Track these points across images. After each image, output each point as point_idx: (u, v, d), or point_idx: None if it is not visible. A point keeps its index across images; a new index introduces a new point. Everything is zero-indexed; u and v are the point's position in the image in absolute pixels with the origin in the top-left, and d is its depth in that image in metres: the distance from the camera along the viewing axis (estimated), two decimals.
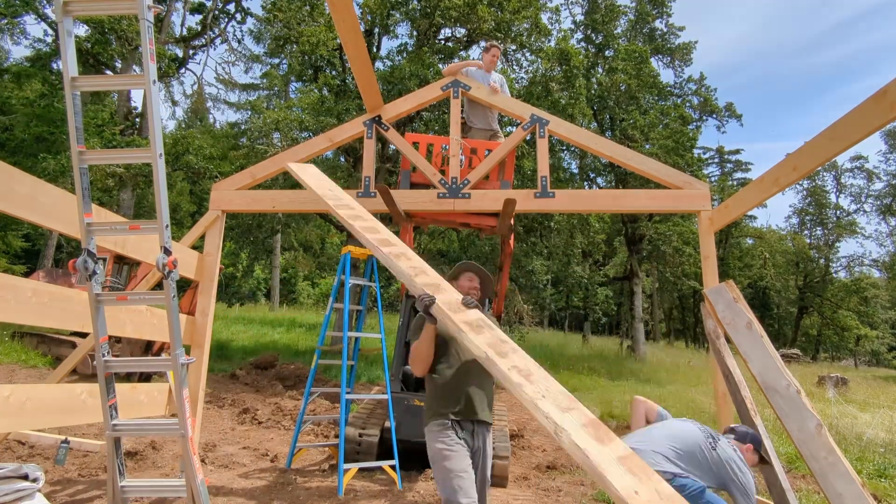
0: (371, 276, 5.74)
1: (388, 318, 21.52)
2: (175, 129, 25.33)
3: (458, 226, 5.92)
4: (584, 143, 5.04)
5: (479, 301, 3.11)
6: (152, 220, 2.66)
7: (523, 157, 13.28)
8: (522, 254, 15.03)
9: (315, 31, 14.24)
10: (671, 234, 20.83)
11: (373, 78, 4.81)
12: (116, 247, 3.53)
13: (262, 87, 24.81)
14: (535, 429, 8.28)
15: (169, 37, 21.14)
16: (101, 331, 2.67)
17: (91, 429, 5.77)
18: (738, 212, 4.33)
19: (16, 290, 2.75)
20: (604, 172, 22.34)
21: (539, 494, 5.00)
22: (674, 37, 23.93)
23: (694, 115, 24.64)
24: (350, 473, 4.78)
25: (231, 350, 14.27)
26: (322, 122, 12.81)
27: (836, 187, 37.42)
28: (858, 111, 2.96)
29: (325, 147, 5.36)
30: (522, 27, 15.24)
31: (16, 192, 2.73)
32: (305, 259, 33.75)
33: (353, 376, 6.19)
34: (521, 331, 18.34)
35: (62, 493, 4.04)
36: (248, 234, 15.01)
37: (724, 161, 40.55)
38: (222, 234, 5.07)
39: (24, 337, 10.28)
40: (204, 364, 4.66)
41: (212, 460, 5.31)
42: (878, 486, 5.74)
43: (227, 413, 7.77)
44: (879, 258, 35.52)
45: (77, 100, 2.57)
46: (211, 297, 4.83)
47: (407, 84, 12.45)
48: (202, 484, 2.70)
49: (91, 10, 2.69)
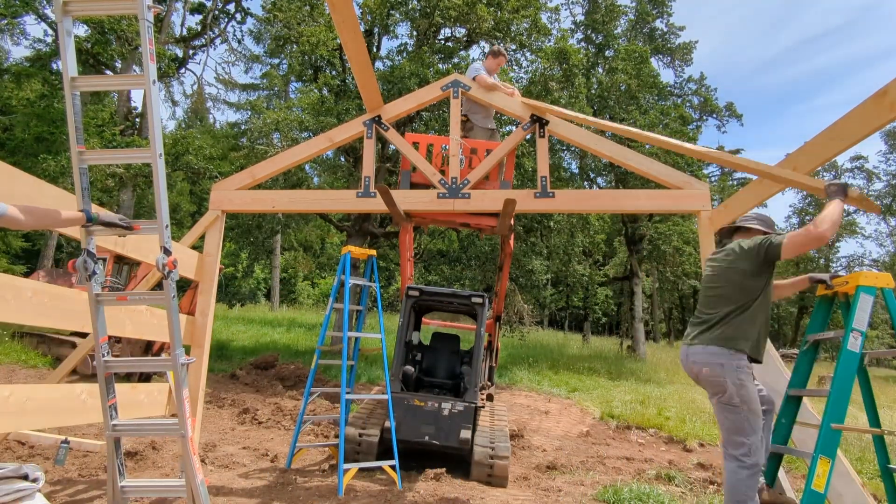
0: (371, 277, 5.74)
1: (388, 318, 21.52)
2: (175, 129, 25.34)
3: (458, 226, 5.93)
4: (584, 143, 5.04)
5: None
6: (152, 220, 2.66)
7: (523, 156, 13.28)
8: (522, 253, 15.03)
9: (315, 31, 14.24)
10: (671, 233, 20.83)
11: (373, 78, 4.81)
12: (116, 247, 3.53)
13: (262, 87, 24.83)
14: (535, 429, 8.29)
15: (169, 37, 21.14)
16: (101, 331, 2.67)
17: (91, 429, 5.77)
18: (738, 212, 4.32)
19: (16, 290, 2.75)
20: (604, 172, 22.34)
21: (539, 494, 5.00)
22: (674, 37, 23.94)
23: (694, 115, 24.65)
24: (350, 473, 4.77)
25: (231, 350, 14.27)
26: (322, 122, 12.81)
27: None
28: (858, 111, 2.96)
29: (325, 147, 5.35)
30: (522, 27, 15.23)
31: (16, 192, 2.73)
32: (305, 259, 33.76)
33: (353, 376, 6.19)
34: (521, 331, 18.34)
35: (62, 493, 4.04)
36: (248, 234, 15.00)
37: None
38: (222, 234, 5.06)
39: (24, 337, 10.28)
40: (204, 364, 4.66)
41: (212, 460, 5.31)
42: (878, 487, 5.74)
43: (227, 413, 7.77)
44: (879, 258, 35.55)
45: (77, 100, 2.57)
46: (211, 297, 4.83)
47: (407, 84, 12.44)
48: (202, 484, 2.70)
49: (91, 10, 2.69)
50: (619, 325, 38.47)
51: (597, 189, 22.55)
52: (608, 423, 9.08)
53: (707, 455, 7.36)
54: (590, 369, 15.31)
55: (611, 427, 8.92)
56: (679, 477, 5.91)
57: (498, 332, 8.03)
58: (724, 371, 2.88)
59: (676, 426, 8.75)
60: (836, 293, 3.14)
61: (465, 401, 5.55)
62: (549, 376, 13.40)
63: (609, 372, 15.24)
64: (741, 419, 2.84)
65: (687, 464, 6.79)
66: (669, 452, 7.57)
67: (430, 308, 7.27)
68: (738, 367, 2.87)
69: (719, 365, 2.91)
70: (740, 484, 2.80)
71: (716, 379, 2.93)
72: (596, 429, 8.72)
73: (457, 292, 6.33)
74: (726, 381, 2.87)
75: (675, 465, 6.62)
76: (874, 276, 2.83)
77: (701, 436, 8.24)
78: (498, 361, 9.45)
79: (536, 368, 14.58)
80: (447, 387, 6.55)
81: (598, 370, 15.24)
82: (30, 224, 2.21)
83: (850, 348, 2.75)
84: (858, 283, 2.82)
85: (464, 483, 5.14)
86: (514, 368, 14.09)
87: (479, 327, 6.03)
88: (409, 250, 7.10)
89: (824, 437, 2.65)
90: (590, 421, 9.25)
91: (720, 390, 2.93)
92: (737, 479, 2.81)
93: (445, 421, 5.43)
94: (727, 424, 2.92)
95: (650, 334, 32.82)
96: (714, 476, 6.10)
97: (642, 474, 6.07)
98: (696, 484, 5.77)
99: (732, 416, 2.88)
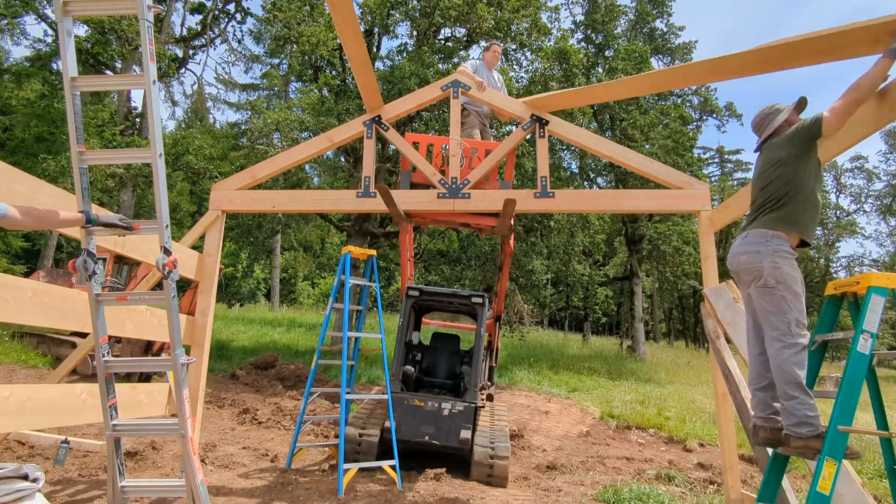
0: (371, 277, 5.74)
1: (388, 318, 21.52)
2: (175, 129, 25.32)
3: (458, 226, 5.93)
4: (584, 143, 5.04)
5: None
6: (152, 220, 2.66)
7: (523, 156, 13.28)
8: (522, 253, 15.03)
9: (315, 31, 14.24)
10: (671, 233, 20.83)
11: (373, 78, 4.81)
12: (116, 247, 3.53)
13: (262, 87, 24.81)
14: (535, 429, 8.29)
15: (169, 37, 21.14)
16: (101, 331, 2.67)
17: (91, 429, 5.77)
18: (738, 212, 4.33)
19: (16, 290, 2.75)
20: (604, 172, 22.34)
21: (539, 494, 5.00)
22: (674, 36, 23.92)
23: (694, 114, 24.63)
24: (350, 473, 4.77)
25: (231, 350, 14.27)
26: (322, 122, 12.80)
27: (836, 187, 37.45)
28: (859, 111, 2.96)
29: (325, 147, 5.36)
30: (522, 26, 15.24)
31: (16, 192, 2.73)
32: (305, 259, 33.75)
33: (353, 376, 6.19)
34: (521, 330, 18.34)
35: (62, 493, 4.04)
36: (248, 234, 15.01)
37: (725, 161, 40.60)
38: (222, 234, 5.06)
39: (24, 337, 10.28)
40: (204, 364, 4.66)
41: (212, 460, 5.31)
42: (878, 487, 5.75)
43: (227, 413, 7.77)
44: (879, 258, 35.57)
45: (77, 100, 2.57)
46: (211, 297, 4.83)
47: (407, 84, 12.45)
48: (202, 484, 2.70)
49: (91, 10, 2.69)
50: (619, 325, 38.48)
51: (597, 189, 22.56)
52: (608, 423, 9.08)
53: (707, 455, 7.36)
54: (590, 369, 15.31)
55: (611, 427, 8.92)
56: (679, 477, 5.91)
57: (498, 332, 8.03)
58: (761, 256, 2.80)
59: (676, 426, 8.75)
60: (846, 293, 3.12)
61: (465, 401, 5.55)
62: (549, 376, 13.40)
63: (609, 372, 15.24)
64: (777, 300, 2.75)
65: (687, 464, 6.79)
66: (669, 452, 7.57)
67: (430, 308, 7.27)
68: (775, 251, 2.78)
69: (755, 252, 2.83)
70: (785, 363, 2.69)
71: (752, 265, 2.84)
72: (596, 429, 8.72)
73: (457, 292, 6.33)
74: (762, 264, 2.79)
75: (675, 465, 6.62)
76: (886, 277, 2.80)
77: (701, 436, 8.24)
78: (498, 361, 9.45)
79: (536, 368, 14.58)
80: (447, 387, 6.55)
81: (598, 370, 15.24)
82: (29, 225, 2.21)
83: (859, 350, 2.73)
84: (870, 284, 2.79)
85: (464, 483, 5.14)
86: (514, 368, 14.09)
87: (479, 327, 6.04)
88: (409, 250, 7.10)
89: (831, 439, 2.63)
90: (590, 421, 9.24)
91: (756, 275, 2.83)
92: (780, 360, 2.71)
93: (445, 421, 5.43)
94: (765, 307, 2.81)
95: (650, 334, 32.83)
96: (714, 476, 6.10)
97: (642, 474, 6.07)
98: (696, 484, 5.77)
99: (769, 298, 2.78)
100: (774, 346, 2.75)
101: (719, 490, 5.51)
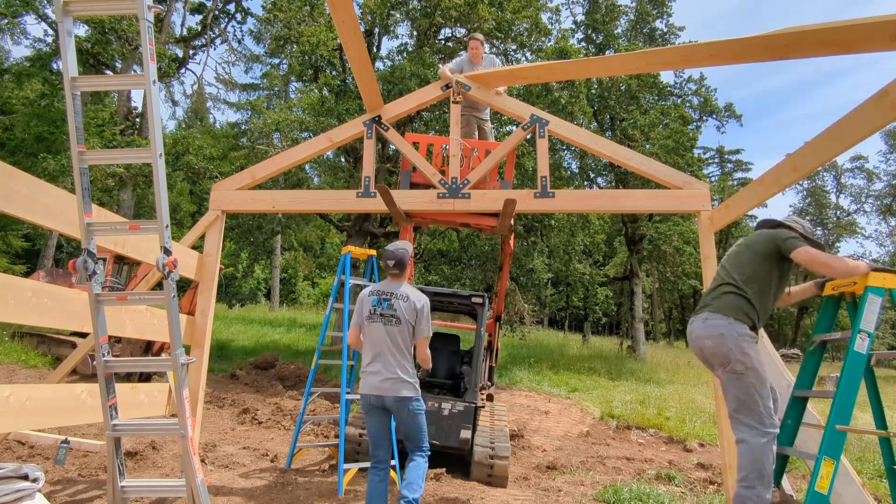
0: (371, 277, 5.74)
1: None
2: (175, 129, 25.35)
3: (458, 226, 5.92)
4: (584, 143, 5.04)
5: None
6: (152, 220, 2.66)
7: (523, 156, 13.28)
8: (523, 253, 15.04)
9: (315, 31, 14.24)
10: (671, 233, 20.83)
11: (373, 78, 4.81)
12: (116, 247, 3.53)
13: (263, 87, 24.79)
14: (535, 429, 8.29)
15: (169, 37, 21.14)
16: (101, 331, 2.67)
17: (91, 429, 5.77)
18: (738, 212, 4.33)
19: (16, 290, 2.75)
20: (604, 172, 22.34)
21: (539, 494, 5.00)
22: (674, 37, 23.91)
23: (694, 115, 24.63)
24: (350, 473, 4.77)
25: (231, 350, 14.27)
26: (322, 122, 12.81)
27: (837, 187, 37.47)
28: (859, 111, 2.96)
29: (326, 147, 5.35)
30: (523, 27, 15.24)
31: (16, 192, 2.73)
32: (305, 259, 33.75)
33: (353, 376, 6.18)
34: (521, 330, 18.34)
35: (62, 493, 4.04)
36: (248, 234, 15.00)
37: (725, 161, 40.58)
38: (222, 235, 5.06)
39: (24, 337, 10.28)
40: (204, 364, 4.66)
41: (212, 460, 5.31)
42: (878, 487, 5.75)
43: (227, 413, 7.77)
44: (879, 258, 35.54)
45: (77, 100, 2.57)
46: (211, 297, 4.83)
47: (407, 84, 12.44)
48: (202, 484, 2.70)
49: (91, 10, 2.69)
50: (619, 325, 38.48)
51: (597, 189, 22.56)
52: (608, 423, 9.08)
53: (707, 455, 7.36)
54: (590, 369, 15.32)
55: (611, 427, 8.92)
56: (679, 477, 5.91)
57: (498, 332, 8.02)
58: (725, 339, 2.85)
59: (676, 426, 8.75)
60: (844, 293, 3.12)
61: (465, 401, 5.55)
62: (549, 376, 13.40)
63: (609, 372, 15.24)
64: (747, 386, 2.79)
65: (687, 464, 6.79)
66: (669, 452, 7.57)
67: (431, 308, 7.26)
68: (739, 334, 2.84)
69: (719, 335, 2.88)
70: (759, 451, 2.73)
71: (719, 349, 2.89)
72: (596, 429, 8.72)
73: (457, 292, 6.32)
74: (728, 347, 2.83)
75: (675, 465, 6.62)
76: (882, 277, 2.81)
77: (701, 436, 8.24)
78: (498, 361, 9.44)
79: (536, 368, 14.58)
80: (447, 387, 6.55)
81: (598, 370, 15.24)
82: None
83: (857, 349, 2.73)
84: (867, 284, 2.80)
85: (464, 483, 5.14)
86: (514, 368, 14.09)
87: (479, 327, 6.03)
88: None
89: (829, 439, 2.63)
90: (590, 421, 9.24)
91: (724, 360, 2.88)
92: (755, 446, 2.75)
93: (445, 421, 5.43)
94: (734, 394, 2.86)
95: (650, 334, 32.84)
96: (714, 476, 6.10)
97: (642, 474, 6.07)
98: (696, 484, 5.77)
99: (738, 385, 2.83)
100: (747, 432, 2.81)
101: (719, 490, 5.51)
